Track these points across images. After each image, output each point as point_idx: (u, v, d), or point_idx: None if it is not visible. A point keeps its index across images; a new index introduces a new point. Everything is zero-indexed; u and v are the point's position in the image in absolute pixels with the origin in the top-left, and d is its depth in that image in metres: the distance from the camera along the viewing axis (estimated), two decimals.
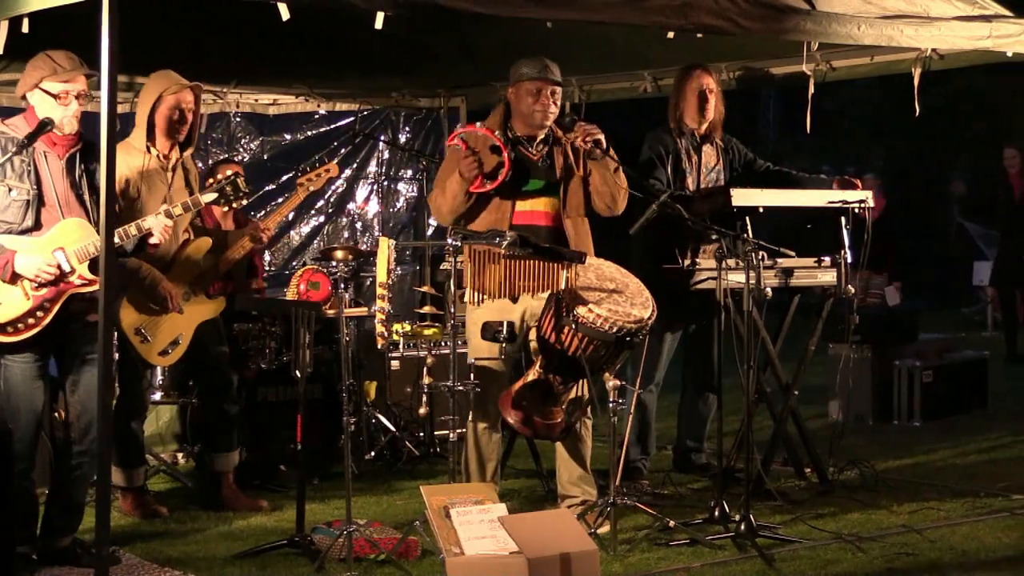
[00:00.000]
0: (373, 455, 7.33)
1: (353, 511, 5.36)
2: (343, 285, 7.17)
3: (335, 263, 7.22)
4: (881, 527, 5.88)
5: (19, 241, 5.08)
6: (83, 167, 5.21)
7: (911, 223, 15.52)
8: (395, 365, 7.78)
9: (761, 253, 5.85)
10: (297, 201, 6.75)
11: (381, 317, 5.58)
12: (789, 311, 6.80)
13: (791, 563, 5.32)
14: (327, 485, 6.72)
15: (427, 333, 7.62)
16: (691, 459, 7.12)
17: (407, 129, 9.25)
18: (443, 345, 7.47)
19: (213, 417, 6.40)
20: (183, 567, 5.33)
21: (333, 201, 9.05)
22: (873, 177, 11.59)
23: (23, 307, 5.07)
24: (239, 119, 8.56)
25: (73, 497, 5.36)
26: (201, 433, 6.70)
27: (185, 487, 6.79)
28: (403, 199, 9.35)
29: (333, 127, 8.96)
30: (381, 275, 5.59)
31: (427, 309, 7.48)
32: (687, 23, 5.44)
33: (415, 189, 9.30)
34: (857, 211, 6.57)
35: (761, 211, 6.46)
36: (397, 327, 7.56)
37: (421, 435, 7.56)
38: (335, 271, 7.21)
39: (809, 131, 7.27)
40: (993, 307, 13.92)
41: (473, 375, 5.67)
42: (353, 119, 8.89)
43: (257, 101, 8.56)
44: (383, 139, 9.01)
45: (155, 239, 5.44)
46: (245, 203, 5.84)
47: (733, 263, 6.05)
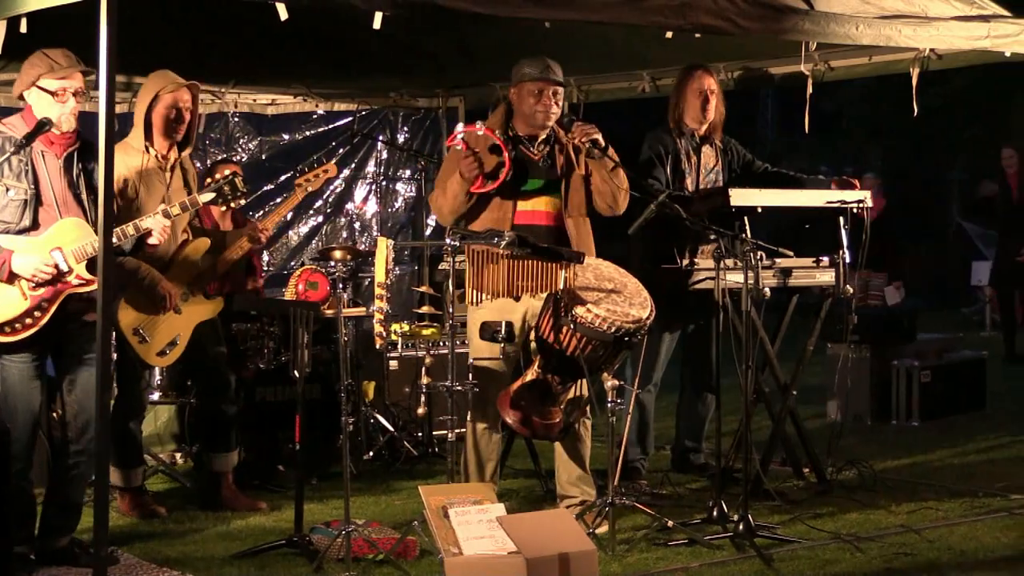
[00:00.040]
0: (371, 455, 7.33)
1: (352, 511, 5.36)
2: (341, 285, 7.17)
3: (333, 263, 7.21)
4: (879, 527, 5.88)
5: (16, 241, 5.07)
6: (81, 167, 5.21)
7: (909, 223, 15.55)
8: (393, 365, 7.78)
9: (759, 253, 5.84)
10: (295, 201, 6.75)
11: (379, 317, 5.58)
12: (787, 311, 6.80)
13: (789, 563, 5.31)
14: (325, 485, 6.71)
15: (425, 333, 7.62)
16: (689, 459, 7.12)
17: (405, 129, 9.25)
18: (441, 345, 7.48)
19: (211, 417, 6.39)
20: (181, 567, 5.32)
21: (331, 201, 9.05)
22: (873, 176, 11.61)
23: (20, 307, 5.07)
24: (237, 119, 8.55)
25: (71, 497, 5.36)
26: (199, 433, 6.70)
27: (183, 487, 6.78)
28: (401, 199, 9.35)
29: (331, 127, 8.95)
30: (379, 275, 5.59)
31: (425, 309, 7.49)
32: (685, 23, 5.44)
33: (413, 189, 9.30)
34: (855, 211, 6.57)
35: (759, 211, 6.46)
36: (395, 327, 7.56)
37: (419, 435, 7.56)
38: (333, 271, 7.21)
39: (807, 131, 7.27)
40: (992, 307, 13.93)
41: (473, 375, 5.67)
42: (351, 119, 8.89)
43: (255, 101, 8.55)
44: (381, 139, 9.00)
45: (153, 239, 5.44)
46: (243, 203, 5.84)
47: (731, 263, 6.05)
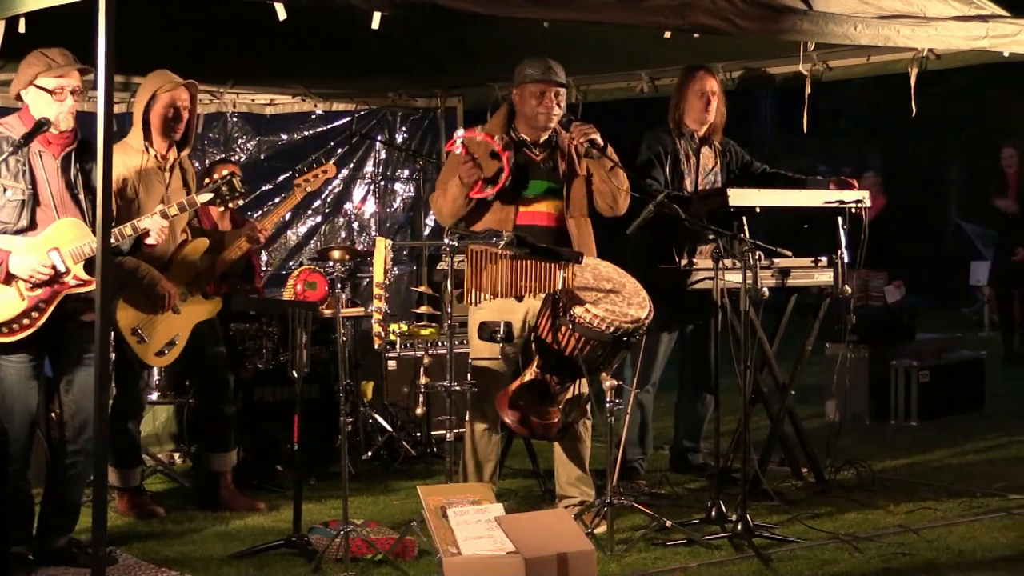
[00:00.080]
0: (370, 455, 7.32)
1: (350, 511, 5.36)
2: (340, 285, 7.16)
3: (332, 263, 7.21)
4: (878, 527, 5.88)
5: (14, 241, 5.07)
6: (78, 166, 5.20)
7: (908, 223, 15.55)
8: (392, 365, 7.78)
9: (758, 253, 5.84)
10: (294, 201, 6.74)
11: (378, 317, 5.58)
12: (786, 311, 6.80)
13: (788, 563, 5.31)
14: (324, 485, 6.71)
15: (424, 333, 7.62)
16: (688, 459, 7.12)
17: (404, 129, 9.24)
18: (440, 345, 7.47)
19: (210, 417, 6.39)
20: (180, 567, 5.32)
21: (330, 201, 9.04)
22: (874, 175, 11.60)
23: (18, 308, 5.06)
24: (236, 119, 8.55)
25: (69, 497, 5.35)
26: (198, 433, 6.70)
27: (182, 487, 6.78)
28: (400, 199, 9.34)
29: (330, 127, 8.95)
30: (378, 275, 5.58)
31: (424, 309, 7.48)
32: (684, 23, 5.43)
33: (412, 189, 9.29)
34: (854, 211, 6.57)
35: (758, 211, 6.46)
36: (394, 327, 7.56)
37: (418, 435, 7.56)
38: (332, 271, 7.20)
39: (806, 131, 7.27)
40: (990, 307, 13.93)
41: (473, 375, 5.67)
42: (350, 119, 8.89)
43: (254, 101, 8.55)
44: (380, 139, 9.00)
45: (151, 239, 5.43)
46: (241, 203, 5.84)
47: (730, 263, 6.06)
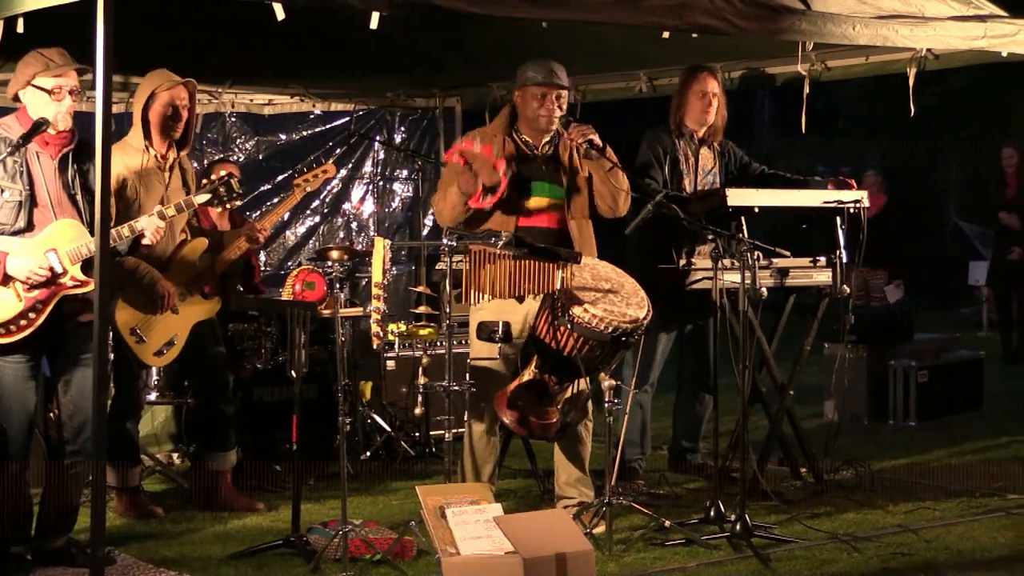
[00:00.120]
0: (369, 455, 7.32)
1: (349, 511, 5.35)
2: (338, 285, 7.17)
3: (331, 263, 7.22)
4: (877, 527, 5.88)
5: (11, 242, 5.06)
6: (76, 167, 5.19)
7: (907, 223, 15.55)
8: (391, 365, 7.78)
9: (756, 253, 5.85)
10: (294, 201, 6.74)
11: (377, 317, 5.58)
12: (785, 311, 6.81)
13: (787, 563, 5.31)
14: (323, 485, 6.71)
15: (423, 333, 7.61)
16: (687, 459, 7.12)
17: (402, 129, 9.25)
18: (438, 345, 7.47)
19: (210, 417, 6.39)
20: (178, 567, 5.32)
21: (329, 201, 9.05)
22: (874, 174, 11.60)
23: (15, 309, 5.06)
24: (234, 119, 8.55)
25: (67, 497, 5.35)
26: (197, 433, 6.69)
27: (180, 487, 6.78)
28: (398, 199, 9.35)
29: (328, 127, 8.95)
30: (376, 275, 5.58)
31: (422, 309, 7.46)
32: (682, 23, 5.43)
33: (410, 189, 9.30)
34: (852, 211, 6.57)
35: (756, 211, 6.46)
36: (392, 327, 7.55)
37: (417, 435, 7.56)
38: (331, 271, 7.21)
39: (804, 131, 7.27)
40: (989, 307, 13.94)
41: (472, 376, 5.67)
42: (348, 119, 8.89)
43: (252, 101, 8.56)
44: (378, 139, 9.01)
45: (147, 240, 5.43)
46: (239, 204, 5.84)
47: (729, 263, 6.06)
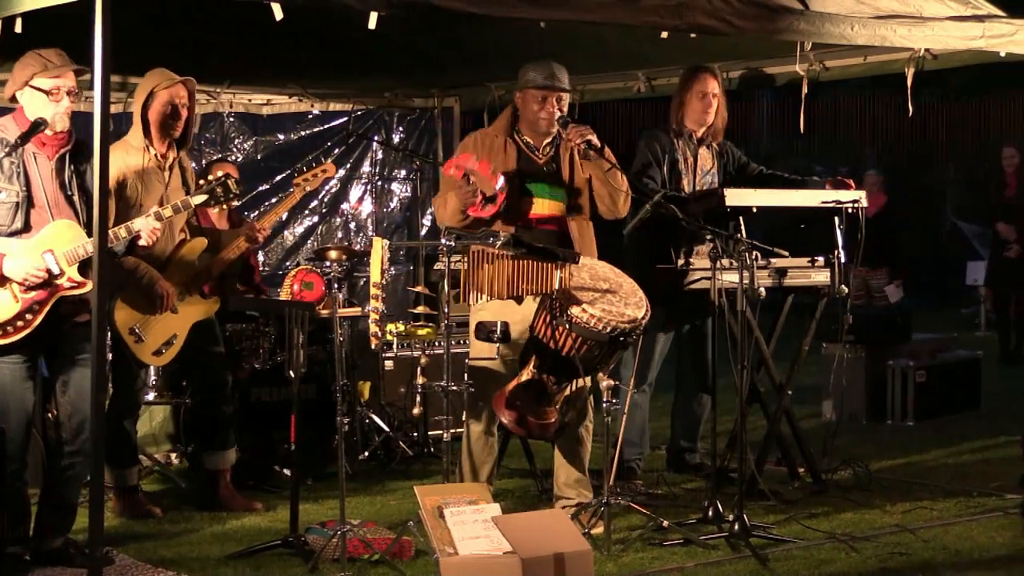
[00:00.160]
0: (367, 455, 7.32)
1: (347, 511, 5.35)
2: (337, 285, 7.17)
3: (329, 263, 7.22)
4: (875, 527, 5.89)
5: (8, 243, 5.05)
6: (73, 168, 5.19)
7: (905, 223, 15.56)
8: (389, 365, 7.78)
9: (755, 253, 5.85)
10: (293, 201, 6.74)
11: (375, 317, 5.58)
12: (783, 311, 6.81)
13: (785, 563, 5.32)
14: (321, 485, 6.71)
15: (421, 333, 7.60)
16: (685, 459, 7.12)
17: (401, 129, 9.25)
18: (437, 345, 7.47)
19: (209, 417, 6.38)
20: (176, 567, 5.32)
21: (327, 201, 9.05)
22: (875, 173, 11.61)
23: (12, 310, 5.05)
24: (232, 119, 8.55)
25: (65, 498, 5.35)
26: (195, 433, 6.69)
27: (178, 487, 6.78)
28: (397, 199, 9.35)
29: (327, 127, 8.95)
30: (375, 275, 5.59)
31: (421, 309, 7.47)
32: (681, 23, 5.43)
33: (409, 189, 9.29)
34: (850, 211, 6.57)
35: (755, 211, 6.46)
36: (391, 327, 7.54)
37: (415, 435, 7.56)
38: (329, 271, 7.21)
39: (802, 131, 7.27)
40: (987, 307, 13.94)
41: (471, 376, 5.67)
42: (347, 119, 8.89)
43: (251, 101, 8.56)
44: (377, 139, 9.01)
45: (143, 241, 5.42)
46: (236, 204, 5.84)
47: (727, 263, 6.06)
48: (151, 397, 6.95)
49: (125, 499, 6.22)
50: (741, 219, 6.51)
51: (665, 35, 5.63)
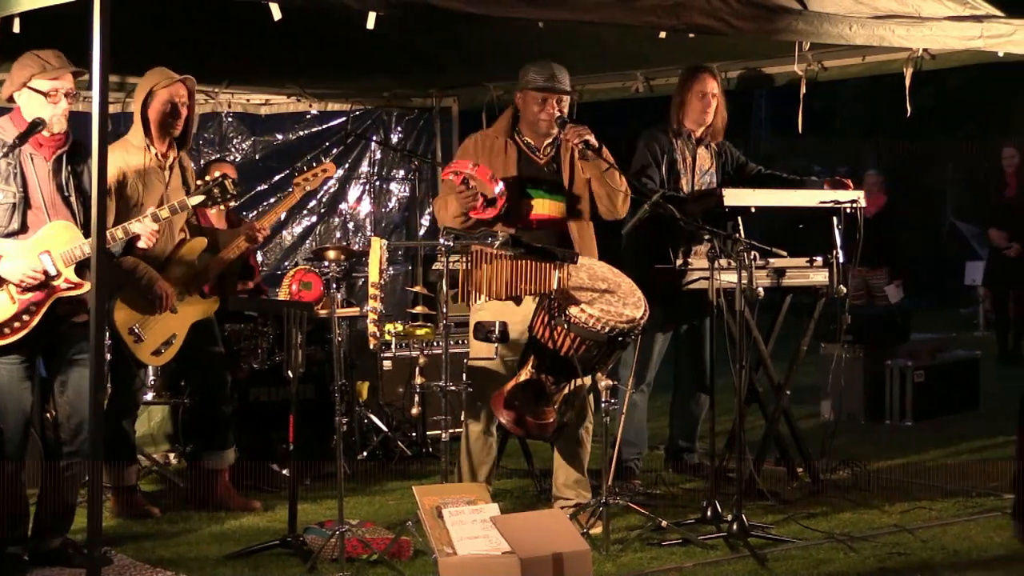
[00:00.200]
0: (365, 455, 7.32)
1: (345, 511, 5.35)
2: (335, 285, 7.17)
3: (327, 263, 7.22)
4: (873, 527, 5.89)
5: (4, 245, 5.04)
6: (70, 169, 5.18)
7: (904, 223, 15.57)
8: (387, 365, 7.78)
9: (753, 253, 5.85)
10: (294, 200, 6.74)
11: (373, 317, 5.57)
12: (781, 311, 6.81)
13: (783, 563, 5.32)
14: (319, 485, 6.71)
15: (419, 333, 7.61)
16: (683, 459, 7.12)
17: (399, 129, 9.26)
18: (435, 345, 7.47)
19: (208, 416, 6.38)
20: (175, 567, 5.32)
21: (325, 201, 9.06)
22: (875, 173, 11.61)
23: (9, 311, 5.05)
24: (231, 119, 8.56)
25: (64, 498, 5.34)
26: (194, 433, 6.69)
27: (177, 487, 6.77)
28: (395, 199, 9.35)
29: (325, 127, 8.96)
30: (373, 275, 5.58)
31: (419, 309, 7.46)
32: (679, 23, 5.43)
33: (407, 189, 9.30)
34: (849, 211, 6.57)
35: (753, 211, 6.47)
36: (389, 327, 7.54)
37: (413, 435, 7.56)
38: (327, 271, 7.20)
39: (801, 131, 7.27)
40: (986, 307, 13.95)
41: (469, 376, 5.67)
42: (345, 119, 8.89)
43: (249, 101, 8.56)
44: (375, 139, 9.01)
45: (142, 243, 5.42)
46: (233, 204, 5.83)
47: (725, 263, 6.06)
48: (149, 397, 6.94)
49: (124, 499, 6.21)
50: (739, 219, 6.51)
51: (663, 35, 5.63)
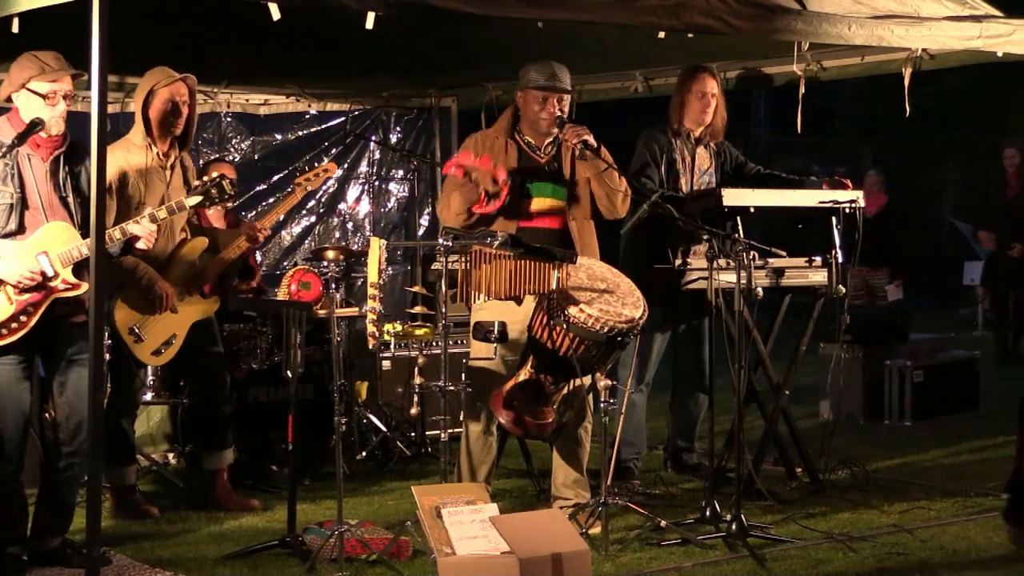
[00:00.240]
0: (364, 455, 7.32)
1: (344, 511, 5.35)
2: (334, 285, 7.17)
3: (326, 263, 7.22)
4: (872, 527, 5.89)
5: (2, 245, 5.04)
6: (67, 170, 5.17)
7: (904, 223, 15.58)
8: (386, 365, 7.78)
9: (752, 253, 5.85)
10: (294, 200, 6.74)
11: (372, 317, 5.57)
12: (780, 311, 6.81)
13: (782, 563, 5.32)
14: (318, 485, 6.71)
15: (418, 333, 7.62)
16: (682, 459, 7.12)
17: (398, 129, 9.25)
18: (434, 345, 7.47)
19: (207, 416, 6.38)
20: (174, 567, 5.32)
21: (324, 201, 9.05)
22: (876, 173, 11.62)
23: (6, 312, 5.04)
24: (230, 119, 8.56)
25: (63, 498, 5.34)
26: (193, 433, 6.69)
27: (176, 487, 6.77)
28: (394, 199, 9.35)
29: (324, 127, 8.96)
30: (372, 275, 5.58)
31: (418, 309, 7.49)
32: (678, 23, 5.43)
33: (406, 189, 9.30)
34: (848, 211, 6.57)
35: (752, 211, 6.46)
36: (388, 327, 7.56)
37: (412, 435, 7.56)
38: (326, 271, 7.21)
39: (800, 131, 7.28)
40: (985, 307, 13.95)
41: (468, 376, 5.67)
42: (344, 119, 8.89)
43: (248, 101, 8.56)
44: (374, 139, 9.01)
45: (141, 244, 5.41)
46: (231, 205, 5.83)
47: (724, 263, 6.06)
48: (149, 397, 6.94)
49: (123, 499, 6.22)
50: (738, 219, 6.51)
51: (662, 35, 5.63)
